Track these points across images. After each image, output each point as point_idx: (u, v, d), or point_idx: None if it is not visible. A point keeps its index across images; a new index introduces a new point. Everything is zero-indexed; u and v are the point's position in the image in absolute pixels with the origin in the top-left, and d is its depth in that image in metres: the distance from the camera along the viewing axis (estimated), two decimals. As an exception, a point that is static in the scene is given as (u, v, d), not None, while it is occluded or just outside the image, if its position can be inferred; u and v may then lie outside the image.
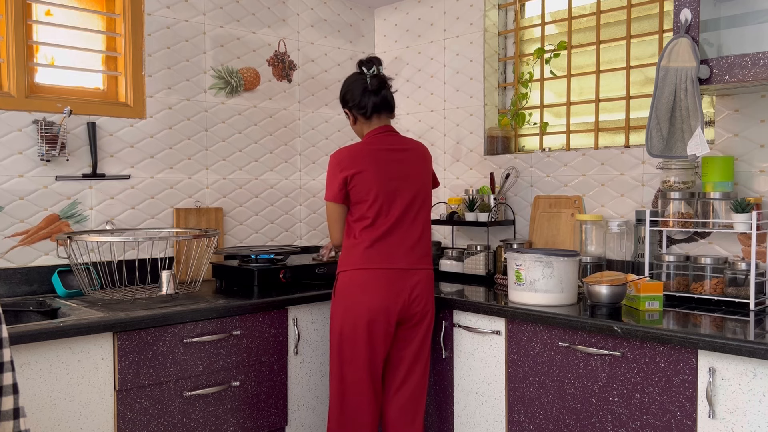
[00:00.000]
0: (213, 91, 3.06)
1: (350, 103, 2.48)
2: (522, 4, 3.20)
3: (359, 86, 2.45)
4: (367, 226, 2.37)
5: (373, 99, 2.43)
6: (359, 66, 2.48)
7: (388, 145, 2.42)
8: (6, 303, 2.39)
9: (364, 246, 2.36)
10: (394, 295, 2.33)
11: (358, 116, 2.48)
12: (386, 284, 2.33)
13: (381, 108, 2.46)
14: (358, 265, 2.35)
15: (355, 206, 2.40)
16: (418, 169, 2.45)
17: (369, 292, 2.33)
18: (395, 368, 2.43)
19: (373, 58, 2.49)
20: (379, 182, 2.36)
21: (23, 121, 2.54)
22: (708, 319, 2.07)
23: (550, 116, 3.11)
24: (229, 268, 2.77)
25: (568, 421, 2.17)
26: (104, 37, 2.81)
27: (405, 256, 2.37)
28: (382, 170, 2.38)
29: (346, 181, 2.37)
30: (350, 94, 2.47)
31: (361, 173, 2.36)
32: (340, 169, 2.38)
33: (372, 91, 2.43)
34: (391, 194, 2.37)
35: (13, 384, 1.14)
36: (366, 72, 2.45)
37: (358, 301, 2.33)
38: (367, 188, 2.36)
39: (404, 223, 2.39)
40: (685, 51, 2.19)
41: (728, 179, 2.35)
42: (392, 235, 2.37)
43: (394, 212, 2.37)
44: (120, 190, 2.78)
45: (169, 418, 2.25)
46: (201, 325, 2.32)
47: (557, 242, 2.89)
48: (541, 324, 2.23)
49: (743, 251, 2.39)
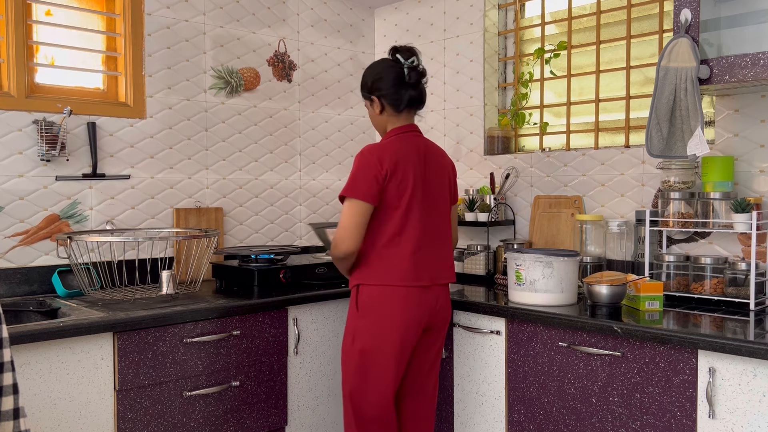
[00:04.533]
0: (213, 91, 3.06)
1: (381, 91, 2.26)
2: (522, 4, 3.20)
3: (393, 75, 2.25)
4: (396, 234, 2.18)
5: (411, 92, 2.26)
6: (393, 53, 2.30)
7: (424, 149, 2.27)
8: (6, 303, 2.39)
9: (395, 259, 2.18)
10: (425, 309, 2.22)
11: (387, 107, 2.28)
12: (419, 301, 2.20)
13: (416, 103, 2.29)
14: (389, 281, 2.17)
15: (385, 211, 2.19)
16: (447, 181, 2.32)
17: (403, 309, 2.17)
18: (415, 375, 2.33)
19: (412, 48, 2.31)
20: (414, 188, 2.19)
21: (23, 121, 2.54)
22: (708, 319, 2.07)
23: (550, 116, 3.11)
24: (229, 268, 2.77)
25: (568, 421, 2.17)
26: (104, 37, 2.81)
27: (436, 271, 2.24)
28: (418, 176, 2.22)
29: (385, 179, 2.16)
30: (383, 81, 2.26)
31: (399, 174, 2.17)
32: (380, 164, 2.15)
33: (411, 84, 2.26)
34: (424, 202, 2.22)
35: (14, 384, 1.13)
36: (404, 62, 2.26)
37: (390, 319, 2.17)
38: (400, 192, 2.18)
39: (434, 236, 2.25)
40: (685, 51, 2.19)
41: (728, 179, 2.35)
42: (424, 249, 2.21)
43: (425, 222, 2.21)
44: (120, 190, 2.78)
45: (169, 418, 2.25)
46: (201, 325, 2.32)
47: (557, 242, 2.89)
48: (541, 324, 2.23)
49: (743, 251, 2.39)
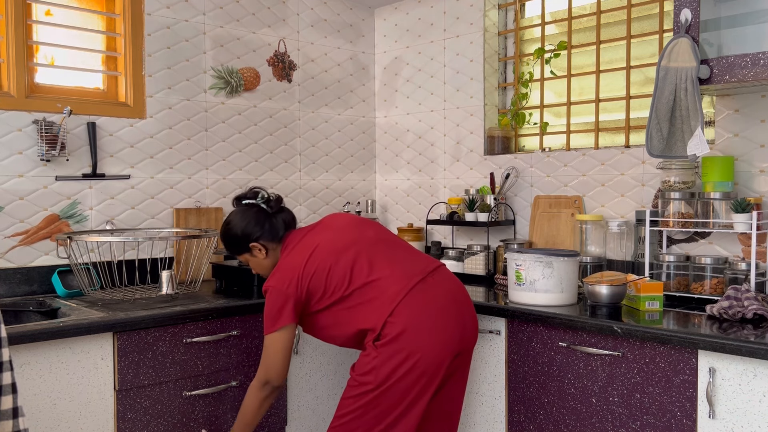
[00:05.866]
0: (213, 91, 3.06)
1: (255, 236, 2.21)
2: (522, 4, 3.20)
3: (255, 216, 2.22)
4: (360, 287, 2.10)
5: (282, 216, 2.25)
6: (239, 202, 2.28)
7: (320, 231, 2.21)
8: (6, 303, 2.39)
9: (380, 295, 2.09)
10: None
11: (268, 245, 2.23)
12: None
13: (291, 223, 2.28)
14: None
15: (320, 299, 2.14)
16: (351, 222, 2.27)
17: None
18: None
19: (252, 188, 2.29)
20: (331, 267, 2.11)
21: (23, 121, 2.54)
22: (708, 319, 2.07)
23: (550, 116, 3.11)
24: (229, 268, 2.77)
25: (568, 421, 2.17)
26: (104, 37, 2.81)
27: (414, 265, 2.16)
28: (327, 253, 2.13)
29: (306, 286, 2.10)
30: (249, 228, 2.21)
31: (315, 269, 2.10)
32: (296, 281, 2.09)
33: (277, 211, 2.25)
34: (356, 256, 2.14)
35: (12, 383, 1.14)
36: (256, 201, 2.25)
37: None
38: (321, 281, 2.11)
39: (382, 251, 2.17)
40: (685, 51, 2.19)
41: (728, 179, 2.35)
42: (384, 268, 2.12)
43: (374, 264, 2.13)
44: (120, 190, 2.78)
45: (168, 418, 2.25)
46: (201, 325, 2.32)
47: (557, 242, 2.89)
48: (541, 324, 2.23)
49: (743, 251, 2.39)
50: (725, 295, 2.10)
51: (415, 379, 2.01)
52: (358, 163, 3.62)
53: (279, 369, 2.12)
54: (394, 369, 2.00)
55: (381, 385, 2.01)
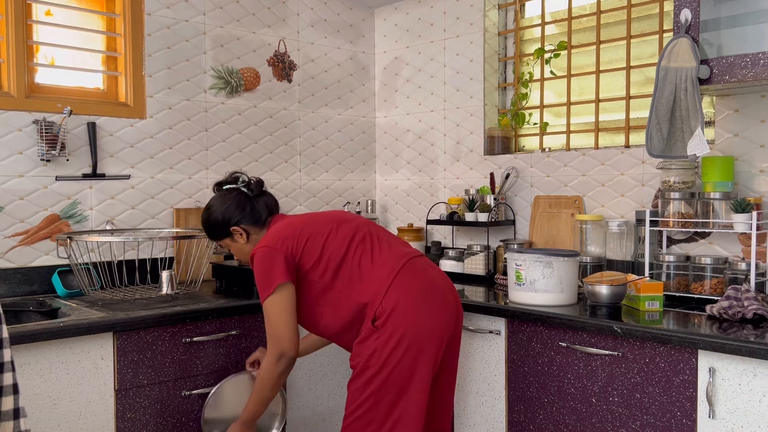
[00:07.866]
0: (213, 91, 3.06)
1: (235, 219, 2.16)
2: (522, 4, 3.20)
3: (236, 199, 2.18)
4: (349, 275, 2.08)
5: (264, 199, 2.21)
6: (219, 188, 2.25)
7: (305, 216, 2.20)
8: (6, 303, 2.39)
9: (373, 276, 2.09)
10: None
11: (250, 229, 2.18)
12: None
13: (275, 207, 2.23)
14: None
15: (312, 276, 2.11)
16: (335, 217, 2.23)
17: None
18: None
19: (233, 173, 2.27)
20: (325, 243, 2.10)
21: (23, 121, 2.54)
22: (708, 319, 2.07)
23: (550, 116, 3.11)
24: (229, 268, 2.77)
25: (568, 421, 2.17)
26: (104, 37, 2.81)
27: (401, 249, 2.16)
28: (323, 232, 2.12)
29: (297, 256, 2.08)
30: (230, 212, 2.17)
31: (305, 242, 2.07)
32: (288, 247, 2.06)
33: (259, 194, 2.22)
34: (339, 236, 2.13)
35: (14, 384, 1.14)
36: (237, 185, 2.21)
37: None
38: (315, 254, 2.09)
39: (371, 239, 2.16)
40: (685, 51, 2.19)
41: (728, 179, 2.35)
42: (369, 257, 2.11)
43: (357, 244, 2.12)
44: (120, 190, 2.78)
45: (168, 418, 2.25)
46: (200, 325, 2.32)
47: (557, 242, 2.89)
48: (541, 324, 2.23)
49: (743, 251, 2.39)
50: (725, 295, 2.10)
51: (414, 356, 1.98)
52: (358, 163, 3.62)
53: (288, 336, 2.02)
54: (394, 348, 1.97)
55: (384, 367, 1.97)
